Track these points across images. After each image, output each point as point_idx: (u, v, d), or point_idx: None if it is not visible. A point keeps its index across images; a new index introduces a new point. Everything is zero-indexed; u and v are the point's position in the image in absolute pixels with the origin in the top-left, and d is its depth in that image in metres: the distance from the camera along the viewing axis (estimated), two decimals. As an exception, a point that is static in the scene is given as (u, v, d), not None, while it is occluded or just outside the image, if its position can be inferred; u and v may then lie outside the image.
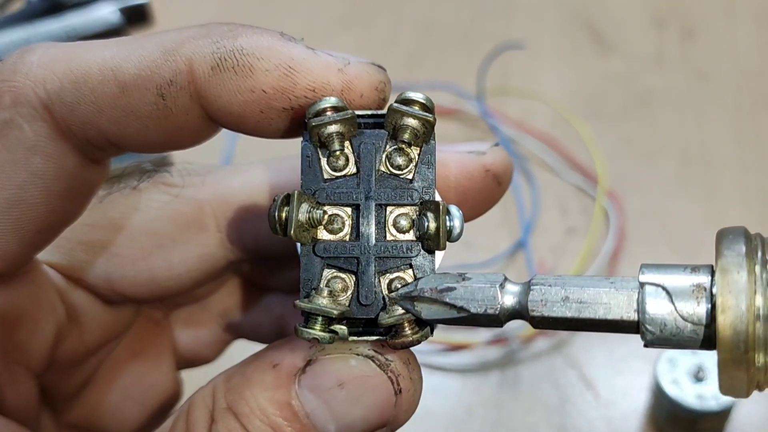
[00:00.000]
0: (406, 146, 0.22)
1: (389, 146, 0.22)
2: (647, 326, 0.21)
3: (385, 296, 0.22)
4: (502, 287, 0.21)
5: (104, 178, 0.24)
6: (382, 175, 0.22)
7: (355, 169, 0.22)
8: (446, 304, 0.21)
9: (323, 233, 0.22)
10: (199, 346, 0.31)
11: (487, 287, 0.21)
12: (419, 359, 0.23)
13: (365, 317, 0.22)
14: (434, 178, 0.22)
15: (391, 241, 0.22)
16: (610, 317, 0.21)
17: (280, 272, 0.29)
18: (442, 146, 0.25)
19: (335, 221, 0.22)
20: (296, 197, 0.21)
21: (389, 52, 0.82)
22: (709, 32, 0.88)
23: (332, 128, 0.21)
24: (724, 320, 0.20)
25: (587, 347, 0.63)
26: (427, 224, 0.21)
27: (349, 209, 0.22)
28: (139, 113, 0.21)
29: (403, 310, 0.21)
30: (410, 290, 0.21)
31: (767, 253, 0.20)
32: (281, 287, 0.30)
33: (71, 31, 0.64)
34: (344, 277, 0.22)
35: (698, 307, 0.20)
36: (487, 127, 0.79)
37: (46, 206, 0.22)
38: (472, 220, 0.25)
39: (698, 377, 0.55)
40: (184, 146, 0.23)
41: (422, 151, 0.22)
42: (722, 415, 0.54)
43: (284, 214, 0.21)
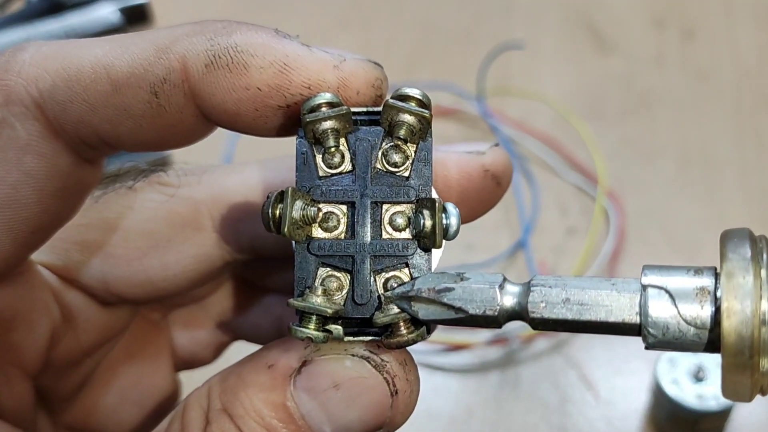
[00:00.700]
0: (402, 143, 0.22)
1: (385, 143, 0.22)
2: (649, 329, 0.20)
3: (380, 295, 0.21)
4: (501, 288, 0.21)
5: (98, 177, 0.23)
6: (378, 172, 0.22)
7: (350, 166, 0.22)
8: (444, 304, 0.21)
9: (318, 231, 0.22)
10: (197, 347, 0.30)
11: (486, 288, 0.21)
12: (418, 359, 0.23)
13: (360, 317, 0.21)
14: (431, 175, 0.22)
15: (386, 239, 0.22)
16: (611, 320, 0.21)
17: (278, 273, 0.29)
18: (441, 146, 0.24)
19: (330, 219, 0.22)
20: (290, 194, 0.21)
21: (389, 52, 0.82)
22: (708, 33, 0.87)
23: (327, 124, 0.21)
24: (729, 325, 0.19)
25: (587, 347, 0.62)
26: (423, 222, 0.21)
27: (344, 207, 0.22)
28: (132, 111, 0.21)
29: (398, 309, 0.21)
30: (407, 290, 0.21)
31: None
32: (280, 288, 0.29)
33: (71, 31, 0.64)
34: (339, 275, 0.22)
35: (702, 310, 0.20)
36: (487, 127, 0.78)
37: (39, 206, 0.22)
38: (472, 220, 0.25)
39: (698, 377, 0.54)
40: (178, 145, 0.22)
41: (419, 148, 0.22)
42: (722, 415, 0.54)
43: (278, 211, 0.21)
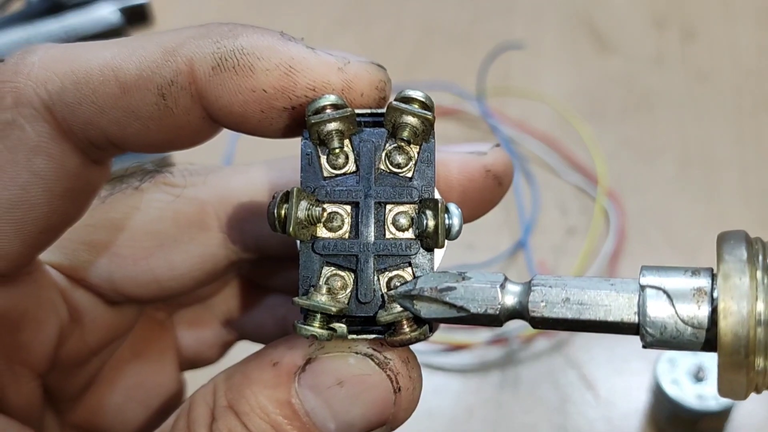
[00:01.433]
0: (405, 144, 0.22)
1: (389, 144, 0.22)
2: (647, 329, 0.21)
3: (384, 294, 0.22)
4: (502, 287, 0.21)
5: (106, 178, 0.24)
6: (381, 173, 0.22)
7: (354, 167, 0.22)
8: (446, 303, 0.21)
9: (322, 231, 0.22)
10: (202, 346, 0.31)
11: (487, 287, 0.21)
12: (419, 359, 0.23)
13: (364, 315, 0.22)
14: (434, 176, 0.22)
15: (390, 239, 0.22)
16: (610, 319, 0.21)
17: (282, 273, 0.29)
18: (443, 147, 0.25)
19: (334, 219, 0.22)
20: (295, 194, 0.21)
21: (390, 52, 0.82)
22: (709, 33, 0.88)
23: (332, 126, 0.21)
24: (725, 325, 0.20)
25: (587, 347, 0.63)
26: (426, 222, 0.21)
27: (348, 207, 0.22)
28: (140, 113, 0.21)
29: (401, 308, 0.21)
30: (410, 289, 0.21)
31: None
32: (284, 288, 0.30)
33: (71, 31, 0.64)
34: (343, 275, 0.22)
35: (699, 310, 0.20)
36: (487, 127, 0.79)
37: (48, 206, 0.22)
38: (473, 220, 0.25)
39: (698, 377, 0.55)
40: (185, 146, 0.23)
41: (422, 149, 0.22)
42: (722, 415, 0.54)
43: (283, 211, 0.21)
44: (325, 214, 0.22)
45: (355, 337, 0.22)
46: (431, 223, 0.21)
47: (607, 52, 0.86)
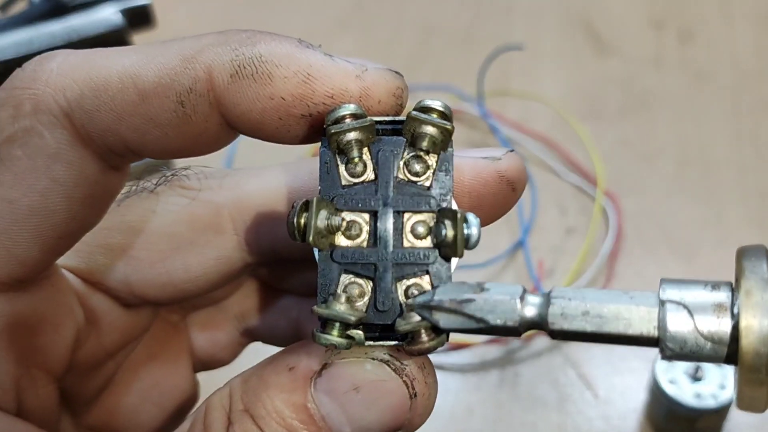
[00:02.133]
0: (424, 154, 0.22)
1: (407, 153, 0.22)
2: (668, 343, 0.21)
3: (401, 303, 0.22)
4: (522, 299, 0.21)
5: (123, 183, 0.24)
6: (399, 182, 0.22)
7: (373, 175, 0.22)
8: (465, 314, 0.21)
9: (341, 239, 0.22)
10: (215, 348, 0.31)
11: (507, 299, 0.21)
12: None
13: (382, 323, 0.22)
14: (452, 185, 0.22)
15: (408, 247, 0.22)
16: (630, 332, 0.21)
17: (295, 275, 0.29)
18: (456, 151, 0.25)
19: (353, 227, 0.22)
20: (315, 204, 0.21)
21: (390, 54, 0.82)
22: (707, 34, 0.88)
23: (351, 135, 0.21)
24: (747, 343, 0.20)
25: (586, 347, 0.63)
26: (444, 232, 0.21)
27: (366, 215, 0.22)
28: (158, 120, 0.22)
29: (419, 317, 0.21)
30: (428, 299, 0.21)
31: None
32: (297, 290, 0.30)
33: (73, 32, 0.64)
34: (361, 282, 0.22)
35: (720, 326, 0.20)
36: (487, 127, 0.79)
37: (66, 212, 0.22)
38: (486, 225, 0.25)
39: (696, 376, 0.55)
40: (203, 152, 0.23)
41: (440, 158, 0.22)
42: (720, 413, 0.55)
43: (303, 220, 0.21)
44: (344, 223, 0.22)
45: (372, 343, 0.22)
46: (450, 233, 0.21)
47: (605, 53, 0.87)
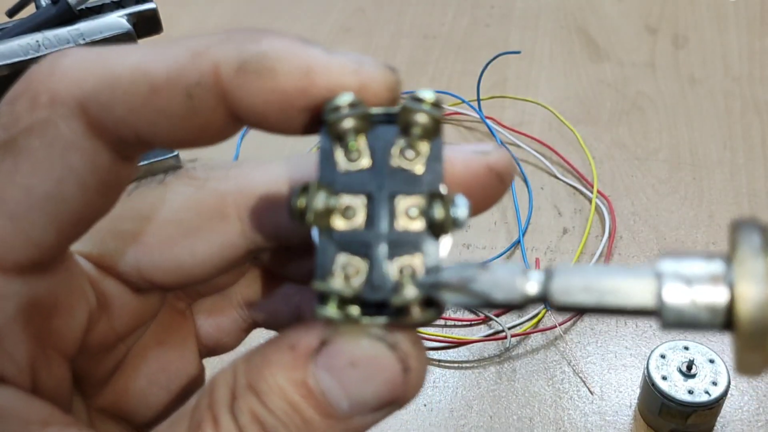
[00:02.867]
0: (416, 141, 0.23)
1: (401, 141, 0.23)
2: (665, 314, 0.21)
3: (395, 280, 0.23)
4: (524, 275, 0.22)
5: (134, 173, 0.25)
6: (393, 168, 0.23)
7: (369, 162, 0.23)
8: (470, 291, 0.22)
9: (338, 221, 0.23)
10: (220, 334, 0.31)
11: (509, 275, 0.22)
12: None
13: (377, 299, 0.23)
14: (442, 171, 0.23)
15: (401, 228, 0.23)
16: (629, 304, 0.21)
17: (297, 262, 0.30)
18: (448, 146, 0.26)
19: (350, 210, 0.23)
20: (314, 186, 0.23)
21: (390, 58, 0.84)
22: (700, 39, 0.89)
23: (348, 123, 0.23)
24: (743, 310, 0.20)
25: (582, 343, 0.64)
26: (434, 212, 0.23)
27: (362, 199, 0.23)
28: (168, 112, 0.22)
29: (411, 291, 0.23)
30: (435, 279, 0.22)
31: None
32: (299, 277, 0.31)
33: (80, 37, 0.65)
34: (357, 262, 0.23)
35: (715, 295, 0.21)
36: (484, 130, 0.80)
37: (81, 199, 0.23)
38: (477, 215, 0.26)
39: (689, 373, 0.56)
40: (209, 143, 0.24)
41: (431, 146, 0.23)
42: (713, 408, 0.55)
43: (302, 202, 0.22)
44: (341, 205, 0.23)
45: (368, 320, 0.23)
46: (439, 212, 0.23)
47: (601, 58, 0.88)
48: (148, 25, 0.67)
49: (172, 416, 0.24)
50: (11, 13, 0.70)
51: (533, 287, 0.22)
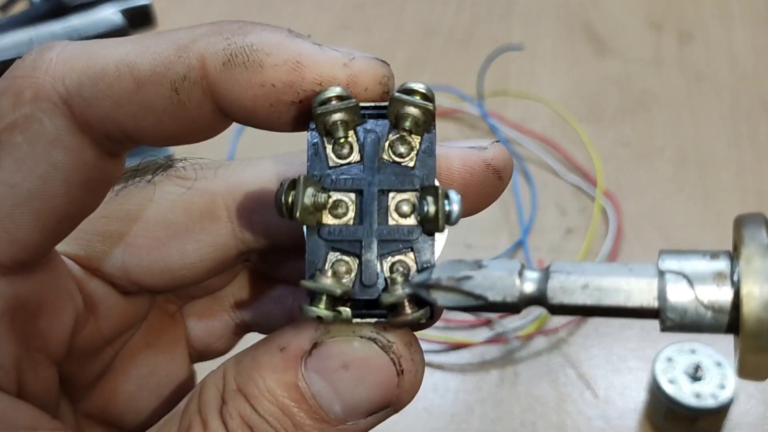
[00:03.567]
0: (407, 134, 0.23)
1: (392, 135, 0.23)
2: (668, 314, 0.20)
3: (386, 278, 0.22)
4: (520, 275, 0.21)
5: (121, 170, 0.24)
6: (384, 162, 0.23)
7: (359, 156, 0.23)
8: (463, 292, 0.21)
9: (328, 217, 0.23)
10: (211, 338, 0.31)
11: (505, 275, 0.21)
12: None
13: (368, 298, 0.22)
14: (435, 165, 0.23)
15: (392, 225, 0.23)
16: (630, 304, 0.21)
17: (289, 263, 0.30)
18: (445, 143, 0.25)
19: (339, 206, 0.23)
20: (302, 181, 0.22)
21: (390, 55, 0.83)
22: (706, 35, 0.88)
23: (337, 116, 0.22)
24: (749, 310, 0.19)
25: (586, 346, 0.63)
26: (426, 208, 0.22)
27: (353, 195, 0.23)
28: (154, 107, 0.22)
29: (403, 290, 0.22)
30: (426, 278, 0.22)
31: None
32: (291, 279, 0.30)
33: (73, 32, 0.65)
34: (348, 260, 0.23)
35: (720, 294, 0.20)
36: (486, 128, 0.80)
37: (66, 197, 0.23)
38: (474, 213, 0.26)
39: (696, 376, 0.55)
40: (197, 139, 0.23)
41: (423, 139, 0.23)
42: (720, 413, 0.55)
43: (290, 197, 0.22)
44: (330, 201, 0.23)
45: (359, 320, 0.22)
46: (431, 208, 0.22)
47: (604, 53, 0.87)
48: (142, 20, 0.67)
49: (161, 421, 0.24)
50: (2, 7, 0.70)
51: (530, 286, 0.21)
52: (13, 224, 0.22)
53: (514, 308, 0.21)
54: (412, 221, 0.23)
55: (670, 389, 0.55)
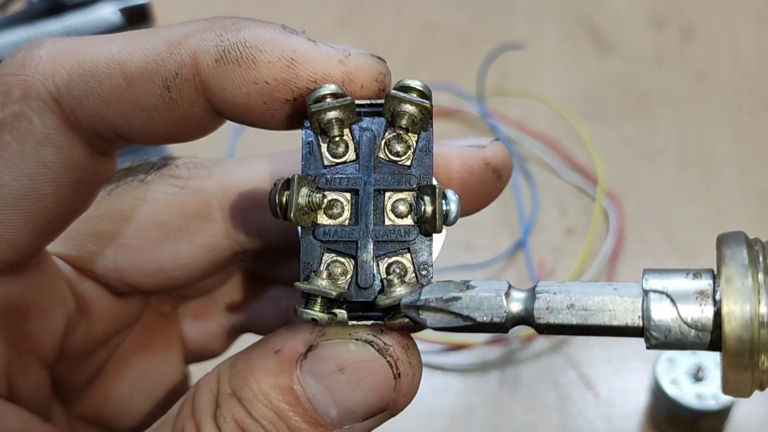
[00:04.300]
0: (404, 133, 0.22)
1: (388, 133, 0.22)
2: (652, 332, 0.21)
3: (383, 279, 0.22)
4: (507, 295, 0.22)
5: (112, 169, 0.24)
6: (380, 161, 0.22)
7: (354, 155, 0.22)
8: (452, 313, 0.21)
9: (323, 218, 0.22)
10: (206, 339, 0.31)
11: (492, 296, 0.22)
12: None
13: (364, 300, 0.22)
14: (432, 164, 0.22)
15: (389, 225, 0.22)
16: (615, 323, 0.21)
17: (285, 264, 0.30)
18: (443, 141, 0.25)
19: (335, 206, 0.22)
20: (296, 181, 0.21)
21: (389, 52, 0.83)
22: (708, 33, 0.88)
23: (332, 114, 0.22)
24: (730, 329, 0.20)
25: (587, 347, 0.63)
26: (423, 208, 0.22)
27: (348, 194, 0.22)
28: (145, 105, 0.22)
29: (400, 291, 0.22)
30: (414, 299, 0.22)
31: None
32: (287, 280, 0.30)
33: (72, 31, 0.65)
34: (344, 261, 0.22)
35: (702, 313, 0.21)
36: (487, 127, 0.79)
37: (55, 197, 0.22)
38: (473, 213, 0.26)
39: (697, 377, 0.55)
40: (189, 138, 0.23)
41: (420, 137, 0.22)
42: (721, 414, 0.54)
43: (284, 197, 0.21)
44: (325, 201, 0.22)
45: (355, 323, 0.22)
46: (429, 208, 0.22)
47: (606, 52, 0.87)
48: (140, 18, 0.67)
49: (154, 424, 0.23)
50: (1, 6, 0.70)
51: (516, 306, 0.22)
52: (1, 225, 0.22)
53: (501, 328, 0.22)
54: (409, 221, 0.22)
55: (671, 390, 0.55)
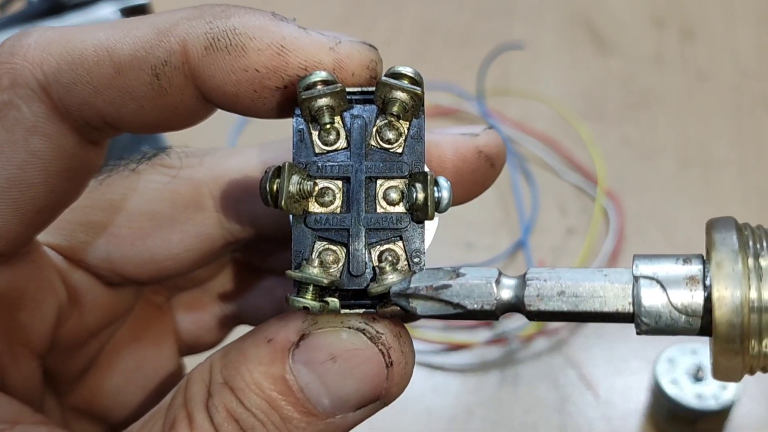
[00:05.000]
0: (395, 120, 0.22)
1: (379, 121, 0.22)
2: (642, 318, 0.21)
3: (375, 267, 0.22)
4: (497, 283, 0.22)
5: (102, 159, 0.24)
6: (372, 149, 0.22)
7: (345, 143, 0.22)
8: (442, 300, 0.21)
9: (314, 206, 0.22)
10: (200, 330, 0.31)
11: (482, 283, 0.22)
12: (418, 359, 0.23)
13: (356, 288, 0.22)
14: (424, 151, 0.22)
15: (381, 213, 0.22)
16: (605, 310, 0.21)
17: (278, 254, 0.29)
18: (436, 129, 0.25)
19: (326, 194, 0.22)
20: (287, 169, 0.21)
21: (389, 52, 0.82)
22: (708, 33, 0.88)
23: (322, 101, 0.22)
24: (720, 314, 0.20)
25: (587, 347, 0.63)
26: (415, 195, 0.22)
27: (339, 182, 0.22)
28: (134, 93, 0.22)
29: (392, 279, 0.22)
30: (404, 287, 0.22)
31: (758, 243, 0.21)
32: (280, 270, 0.30)
33: (72, 31, 0.65)
34: (335, 249, 0.22)
35: (693, 299, 0.21)
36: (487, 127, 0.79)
37: (45, 186, 0.22)
38: (466, 201, 0.26)
39: (697, 377, 0.55)
40: (179, 127, 0.23)
41: (411, 124, 0.22)
42: (721, 414, 0.54)
43: (275, 185, 0.21)
44: (316, 188, 0.22)
45: (347, 311, 0.22)
46: (420, 195, 0.22)
47: (606, 52, 0.86)
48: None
49: (146, 415, 0.23)
50: (1, 6, 0.70)
51: (507, 294, 0.22)
52: None
53: (491, 315, 0.22)
54: (400, 209, 0.22)
55: (671, 390, 0.55)
